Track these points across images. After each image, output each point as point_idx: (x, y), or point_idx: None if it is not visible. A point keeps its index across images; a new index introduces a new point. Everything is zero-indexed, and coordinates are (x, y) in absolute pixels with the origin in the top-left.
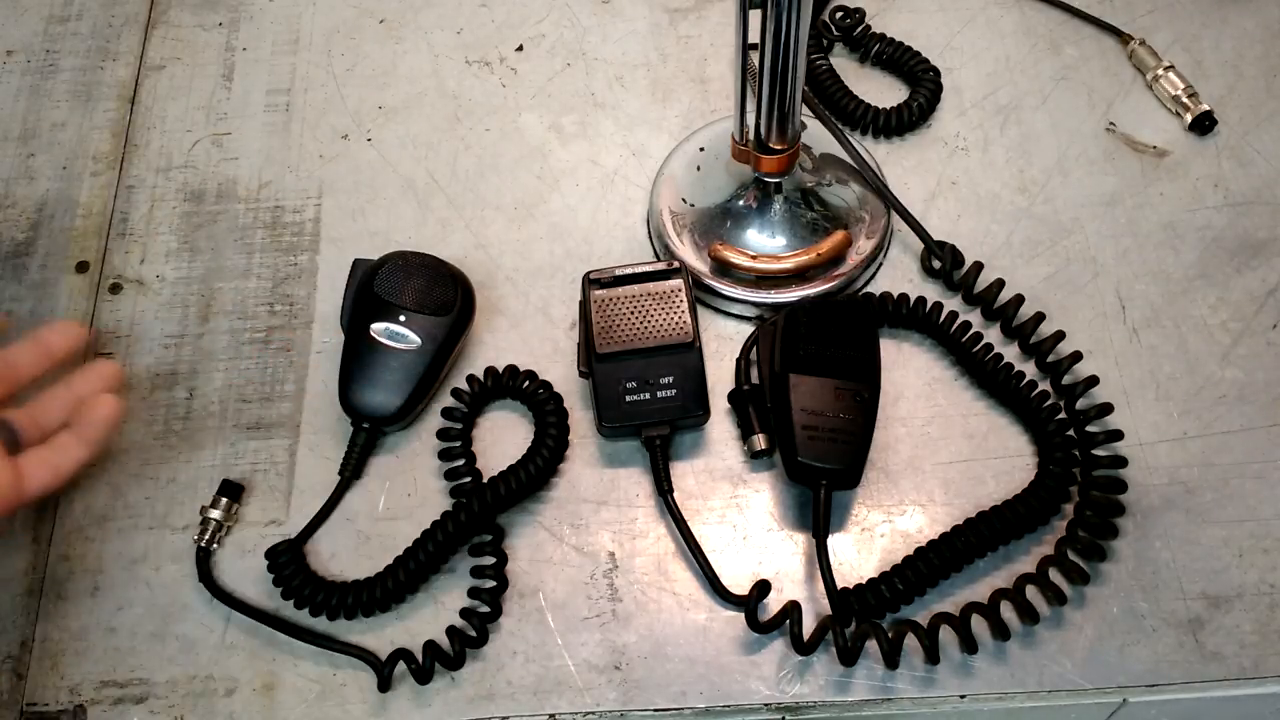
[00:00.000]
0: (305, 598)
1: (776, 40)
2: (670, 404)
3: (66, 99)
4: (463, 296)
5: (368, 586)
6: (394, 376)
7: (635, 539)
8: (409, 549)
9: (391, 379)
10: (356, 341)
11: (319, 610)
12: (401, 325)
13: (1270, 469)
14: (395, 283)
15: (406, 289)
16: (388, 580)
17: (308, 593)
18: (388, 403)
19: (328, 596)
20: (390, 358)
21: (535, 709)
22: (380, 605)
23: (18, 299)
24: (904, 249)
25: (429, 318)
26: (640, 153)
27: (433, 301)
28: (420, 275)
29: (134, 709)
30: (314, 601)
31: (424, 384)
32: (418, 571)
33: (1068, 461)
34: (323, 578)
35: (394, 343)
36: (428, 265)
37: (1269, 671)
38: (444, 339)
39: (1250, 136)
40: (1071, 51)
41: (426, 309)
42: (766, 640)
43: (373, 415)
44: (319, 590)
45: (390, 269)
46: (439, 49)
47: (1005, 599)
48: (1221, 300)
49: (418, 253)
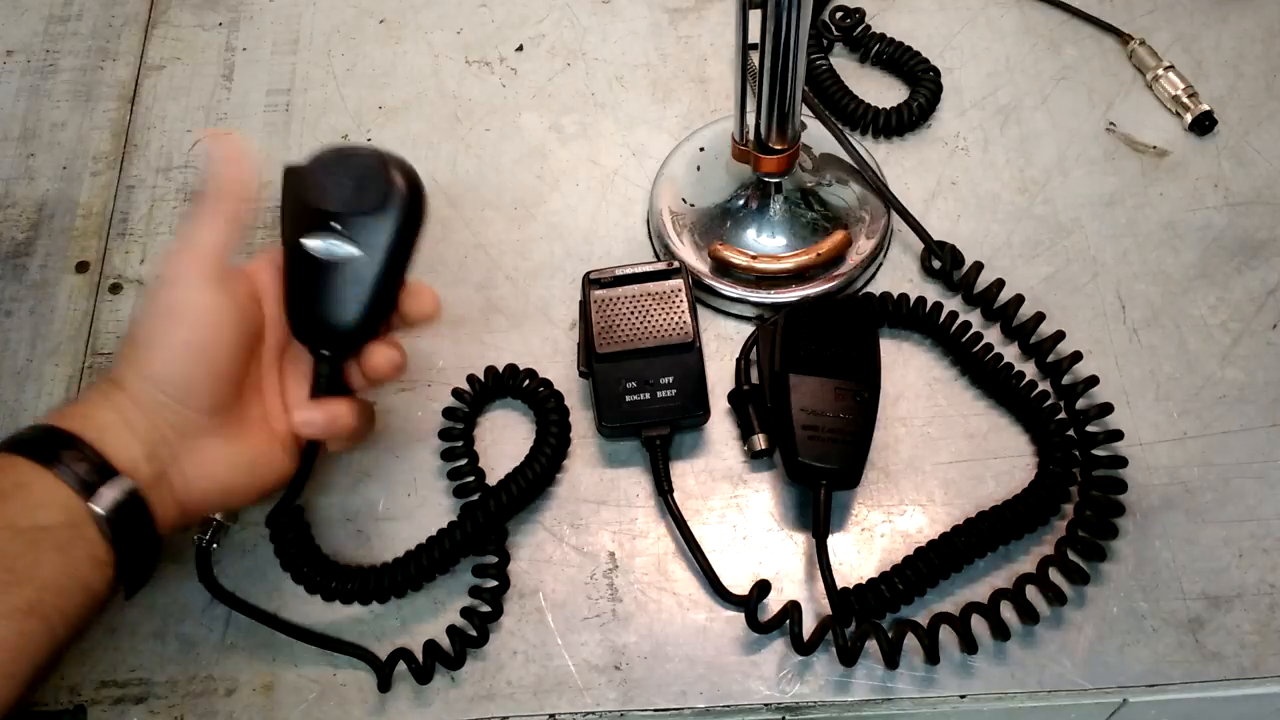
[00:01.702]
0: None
1: (776, 40)
2: (670, 404)
3: (66, 99)
4: (404, 188)
5: (372, 574)
6: (340, 294)
7: (635, 539)
8: (420, 547)
9: (338, 296)
10: (294, 260)
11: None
12: (335, 235)
13: (1270, 469)
14: (323, 186)
15: (335, 192)
16: (396, 572)
17: (306, 569)
18: (339, 323)
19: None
20: (332, 273)
21: (535, 709)
22: (378, 595)
23: (18, 299)
24: (904, 249)
25: (365, 219)
26: (640, 153)
27: (366, 201)
28: (348, 173)
29: (134, 709)
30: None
31: (379, 296)
32: (422, 572)
33: (1068, 461)
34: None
35: (331, 255)
36: (357, 159)
37: (1269, 671)
38: (391, 242)
39: (1250, 136)
40: (1071, 51)
41: (361, 210)
42: (766, 640)
43: (328, 340)
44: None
45: (316, 171)
46: (439, 49)
47: (1005, 599)
48: (1221, 300)
49: (349, 146)
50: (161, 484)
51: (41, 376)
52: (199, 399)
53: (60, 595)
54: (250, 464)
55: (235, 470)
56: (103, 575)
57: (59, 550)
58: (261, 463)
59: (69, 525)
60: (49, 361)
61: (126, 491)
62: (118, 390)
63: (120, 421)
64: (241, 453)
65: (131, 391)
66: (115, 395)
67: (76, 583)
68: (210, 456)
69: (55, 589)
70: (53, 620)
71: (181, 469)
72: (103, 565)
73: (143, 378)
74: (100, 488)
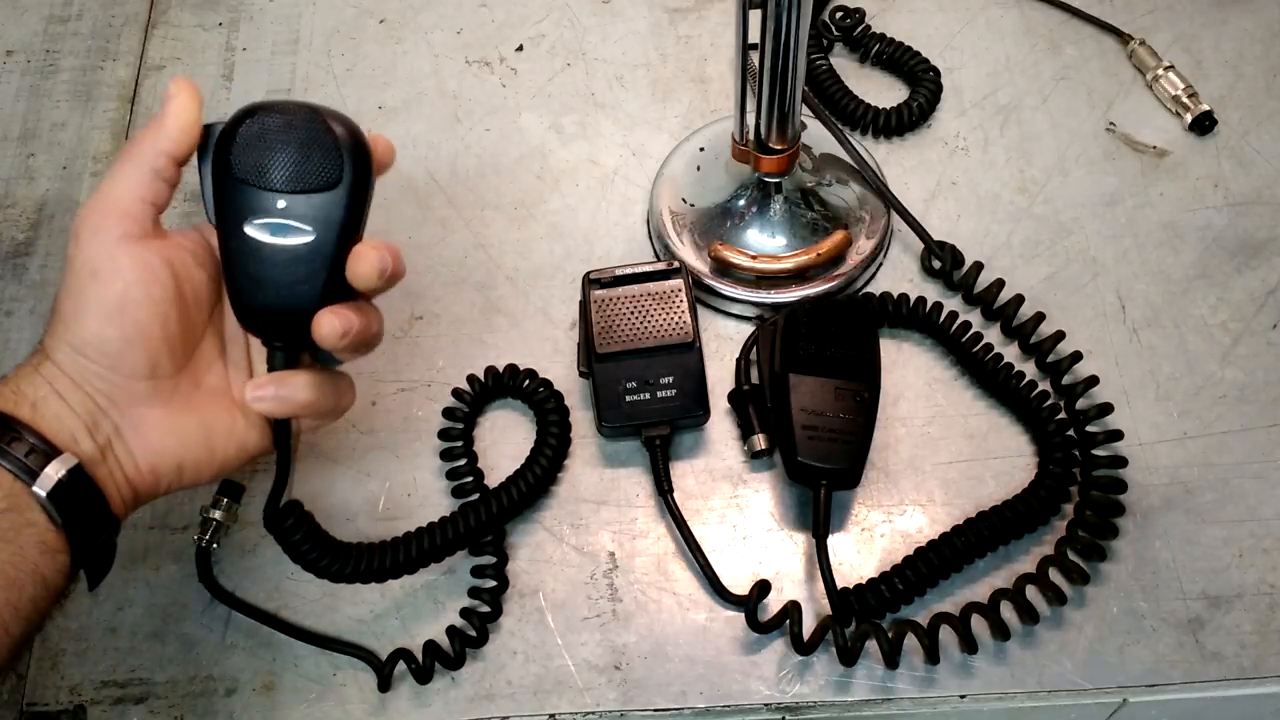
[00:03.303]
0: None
1: (776, 40)
2: (670, 404)
3: (66, 99)
4: (354, 154)
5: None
6: (290, 280)
7: (635, 539)
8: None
9: (287, 283)
10: (233, 242)
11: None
12: (282, 215)
13: (1270, 469)
14: (261, 160)
15: (277, 166)
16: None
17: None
18: (291, 312)
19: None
20: (280, 258)
21: (535, 709)
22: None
23: (18, 299)
24: (904, 249)
25: (315, 196)
26: (640, 153)
27: (315, 176)
28: (288, 141)
29: (134, 709)
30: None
31: (334, 277)
32: (419, 558)
33: (1068, 461)
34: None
35: (280, 238)
36: (294, 121)
37: (1269, 671)
38: (345, 218)
39: (1250, 136)
40: (1071, 51)
41: (311, 188)
42: (766, 640)
43: (280, 330)
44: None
45: (250, 140)
46: (439, 49)
47: (1005, 599)
48: (1221, 300)
49: (277, 103)
50: (108, 459)
51: None
52: (131, 366)
53: (9, 588)
54: (204, 436)
55: (187, 443)
56: (56, 563)
57: (3, 540)
58: (219, 434)
59: (11, 511)
60: None
61: (69, 470)
62: (46, 361)
63: (52, 395)
64: (193, 424)
65: (58, 361)
66: (45, 367)
67: (26, 574)
68: (157, 428)
69: (4, 582)
70: (3, 616)
71: (126, 443)
72: (54, 552)
73: (67, 345)
74: (41, 469)
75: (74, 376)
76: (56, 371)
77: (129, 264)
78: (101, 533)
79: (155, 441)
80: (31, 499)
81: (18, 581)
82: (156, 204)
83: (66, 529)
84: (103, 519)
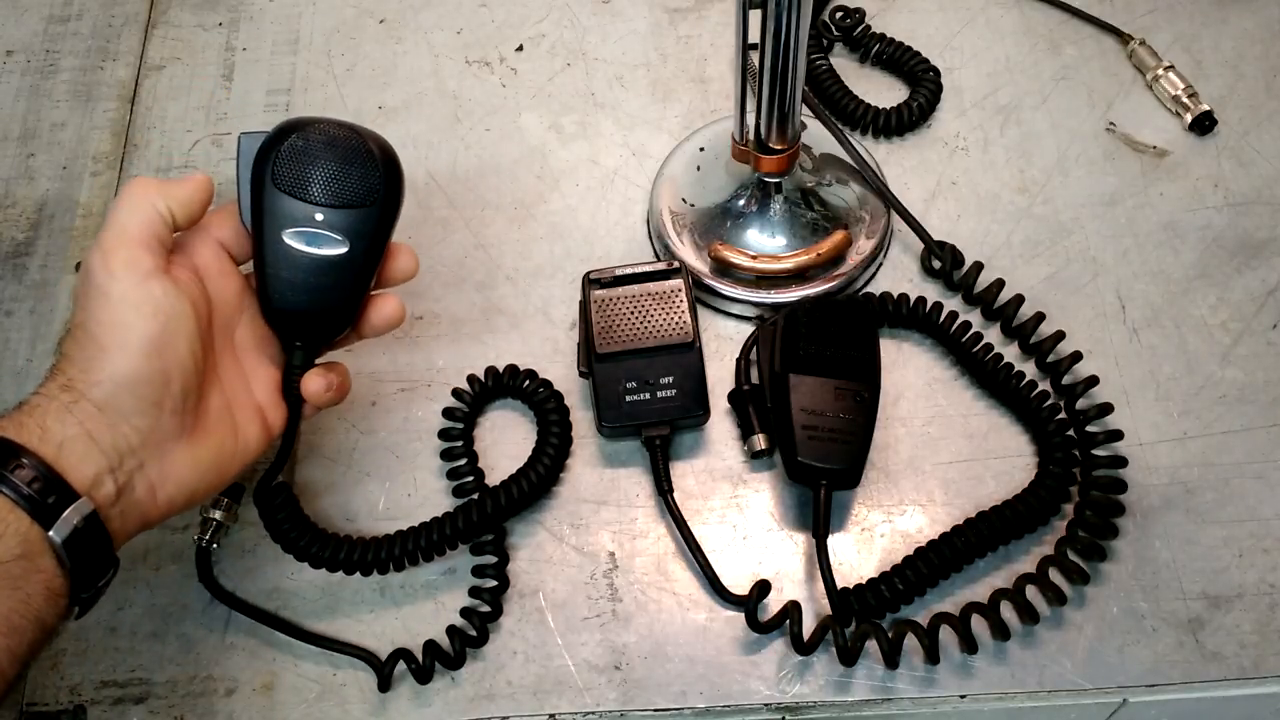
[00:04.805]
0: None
1: (776, 40)
2: (670, 404)
3: (66, 99)
4: (390, 175)
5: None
6: (322, 287)
7: (635, 539)
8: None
9: (319, 289)
10: (270, 248)
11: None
12: (319, 226)
13: (1270, 469)
14: (303, 172)
15: (319, 180)
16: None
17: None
18: (321, 316)
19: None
20: (313, 266)
21: (535, 709)
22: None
23: (18, 299)
24: (904, 249)
25: (352, 212)
26: (640, 153)
27: (354, 193)
28: (330, 157)
29: (134, 709)
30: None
31: (361, 286)
32: (403, 555)
33: (1068, 461)
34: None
35: (315, 248)
36: (337, 139)
37: (1269, 671)
38: (377, 233)
39: (1250, 136)
40: (1071, 51)
41: (346, 201)
42: (766, 640)
43: (306, 332)
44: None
45: (289, 151)
46: (439, 49)
47: (1005, 599)
48: (1221, 300)
49: (321, 121)
50: (123, 499)
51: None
52: (172, 400)
53: (11, 634)
54: (214, 461)
55: (202, 470)
56: (56, 608)
57: (13, 588)
58: (225, 457)
59: (24, 558)
60: (49, 361)
61: (85, 516)
62: (82, 400)
63: (82, 436)
64: (208, 450)
65: (95, 399)
66: (80, 406)
67: (29, 620)
68: (180, 461)
69: (6, 629)
70: (1, 664)
71: (149, 478)
72: (57, 597)
73: (110, 382)
74: (58, 513)
75: (112, 416)
76: (92, 410)
77: (167, 300)
78: (103, 577)
79: (176, 474)
80: (46, 545)
81: (20, 628)
82: (171, 227)
83: (72, 576)
84: (106, 563)
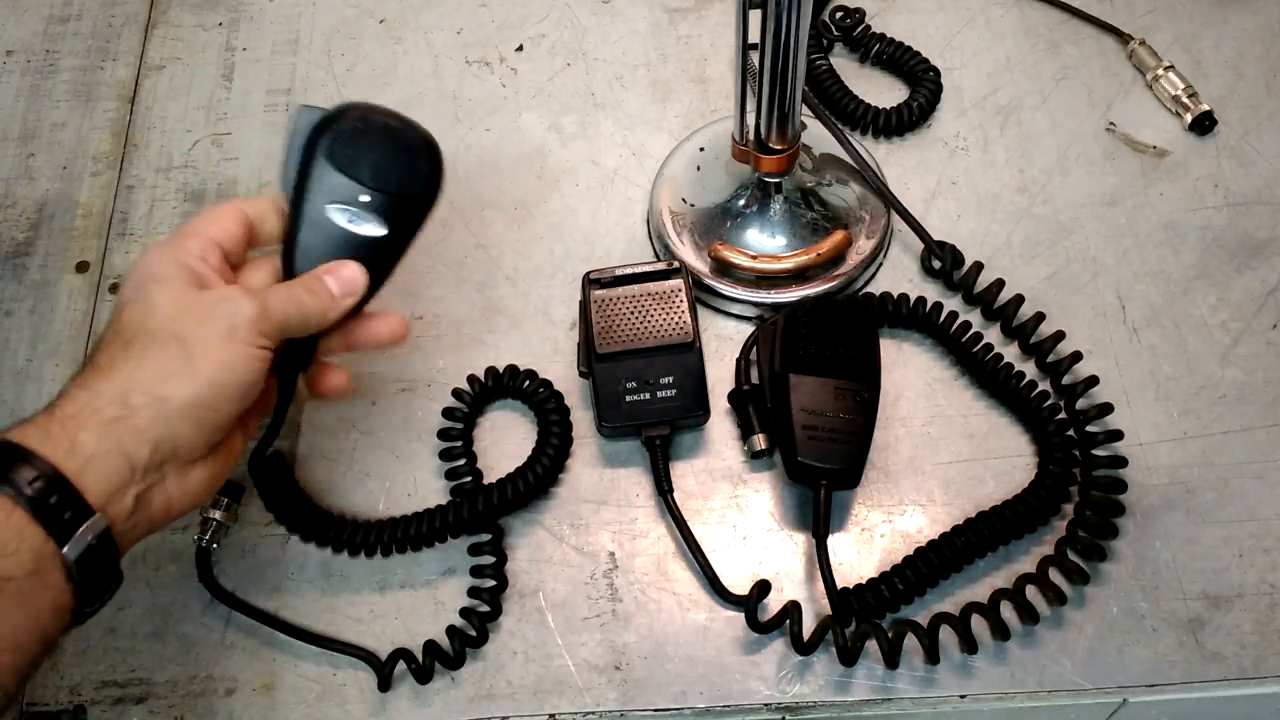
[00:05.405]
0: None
1: (776, 40)
2: (670, 404)
3: (66, 99)
4: (433, 172)
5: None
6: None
7: (635, 539)
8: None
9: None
10: (309, 217)
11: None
12: (364, 207)
13: (1270, 469)
14: (354, 150)
15: (372, 161)
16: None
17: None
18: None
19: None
20: (351, 242)
21: (535, 709)
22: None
23: (18, 299)
24: (904, 249)
25: (398, 199)
26: (640, 153)
27: (404, 181)
28: (387, 143)
29: (134, 709)
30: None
31: (381, 276)
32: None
33: (1068, 461)
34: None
35: (355, 226)
36: (392, 128)
37: (1269, 671)
38: (414, 226)
39: (1250, 136)
40: (1071, 51)
41: (391, 187)
42: (766, 640)
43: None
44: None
45: (347, 130)
46: (439, 49)
47: (1005, 599)
48: (1221, 300)
49: (379, 109)
50: (140, 511)
51: (41, 376)
52: (220, 428)
53: (16, 652)
54: (224, 471)
55: (212, 485)
56: (61, 623)
57: (22, 604)
58: (231, 464)
59: (35, 575)
60: (49, 361)
61: (99, 534)
62: (131, 414)
63: (116, 452)
64: (221, 467)
65: (147, 418)
66: (125, 423)
67: (36, 637)
68: (196, 476)
69: (13, 646)
70: (4, 680)
71: (167, 492)
72: (63, 612)
73: (173, 405)
74: (73, 530)
75: (158, 435)
76: (140, 427)
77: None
78: (108, 591)
79: (192, 487)
80: (58, 561)
81: (25, 645)
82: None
83: (79, 592)
84: (111, 577)
